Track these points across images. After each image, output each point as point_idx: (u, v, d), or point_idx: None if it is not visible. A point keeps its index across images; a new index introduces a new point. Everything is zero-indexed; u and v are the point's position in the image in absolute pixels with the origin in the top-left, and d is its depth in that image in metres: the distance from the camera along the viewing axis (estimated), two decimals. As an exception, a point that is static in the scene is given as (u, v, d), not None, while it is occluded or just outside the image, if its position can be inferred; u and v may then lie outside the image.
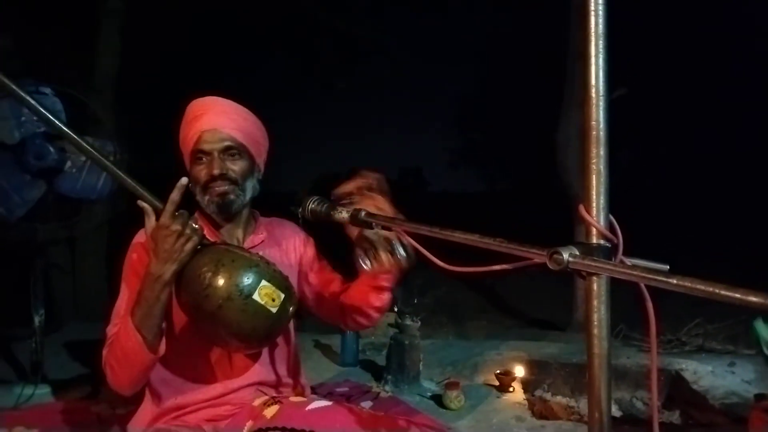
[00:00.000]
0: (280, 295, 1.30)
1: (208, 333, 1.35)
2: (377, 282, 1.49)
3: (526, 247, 0.87)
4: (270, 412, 1.36)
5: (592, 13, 0.86)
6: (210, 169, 1.46)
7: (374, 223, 1.21)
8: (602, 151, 0.86)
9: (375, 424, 1.35)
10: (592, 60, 0.86)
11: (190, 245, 1.29)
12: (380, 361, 3.20)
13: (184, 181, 1.31)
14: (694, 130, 11.16)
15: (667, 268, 0.81)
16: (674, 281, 0.72)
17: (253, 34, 7.65)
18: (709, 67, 9.91)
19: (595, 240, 0.86)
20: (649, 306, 0.85)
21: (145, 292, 1.30)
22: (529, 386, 3.04)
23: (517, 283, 6.02)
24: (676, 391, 2.95)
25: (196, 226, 1.31)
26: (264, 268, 1.31)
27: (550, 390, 3.05)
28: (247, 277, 1.27)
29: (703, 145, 11.21)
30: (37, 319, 2.83)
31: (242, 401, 1.47)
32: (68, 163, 2.73)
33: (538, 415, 2.69)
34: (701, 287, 0.69)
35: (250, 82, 9.25)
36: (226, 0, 6.57)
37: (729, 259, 6.82)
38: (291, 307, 1.35)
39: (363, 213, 1.21)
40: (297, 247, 1.67)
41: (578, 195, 0.89)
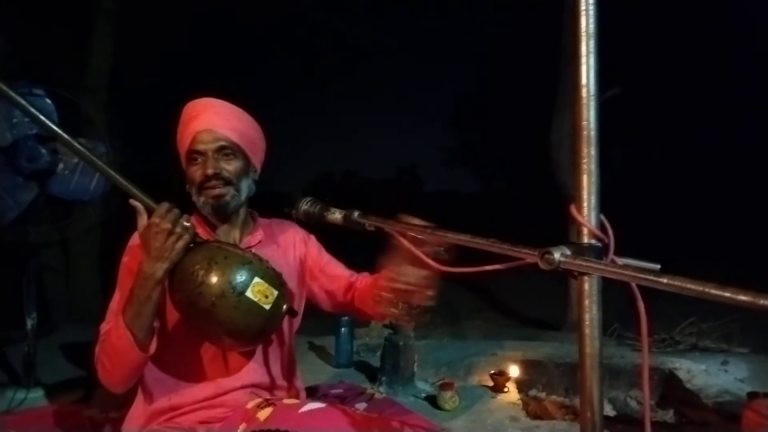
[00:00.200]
0: (273, 292, 1.30)
1: (202, 331, 1.34)
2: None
3: (518, 248, 0.87)
4: (263, 414, 1.35)
5: (582, 13, 0.86)
6: (204, 169, 1.45)
7: (367, 224, 1.20)
8: (593, 151, 0.86)
9: (369, 426, 1.34)
10: (583, 60, 0.86)
11: (181, 243, 1.29)
12: (375, 362, 3.20)
13: None
14: (688, 130, 11.20)
15: (658, 267, 0.81)
16: (665, 280, 0.72)
17: (252, 34, 7.65)
18: (703, 67, 9.96)
19: (586, 240, 0.86)
20: (641, 305, 0.86)
21: (137, 291, 1.29)
22: (523, 386, 3.04)
23: (512, 283, 6.02)
24: (670, 390, 2.96)
25: (188, 225, 1.30)
26: (257, 265, 1.30)
27: (545, 390, 3.06)
28: (240, 275, 1.27)
29: (697, 145, 11.26)
30: (29, 322, 2.82)
31: (236, 403, 1.46)
32: (60, 165, 2.72)
33: (533, 415, 2.69)
34: (691, 286, 0.70)
35: (250, 82, 9.24)
36: (226, 0, 6.56)
37: (722, 258, 6.86)
38: (284, 304, 1.35)
39: (356, 214, 1.21)
40: (297, 246, 1.66)
41: (571, 195, 0.89)
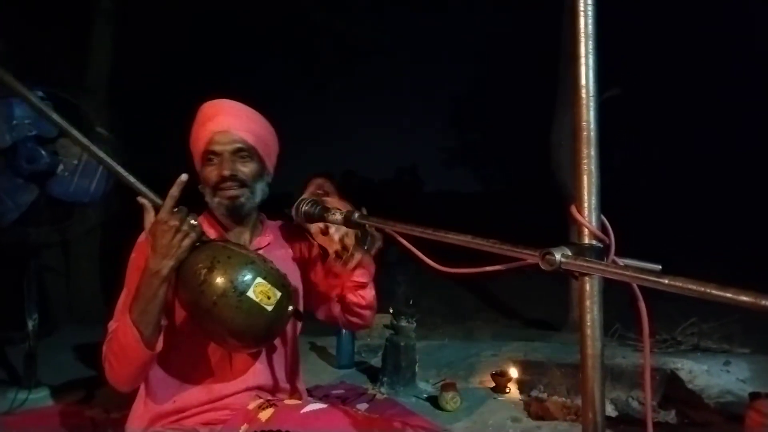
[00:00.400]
0: (276, 293, 1.29)
1: (207, 330, 1.34)
2: (354, 280, 1.55)
3: (519, 248, 0.87)
4: (265, 415, 1.35)
5: (581, 13, 0.86)
6: (220, 170, 1.46)
7: (367, 225, 1.21)
8: (593, 152, 0.86)
9: (370, 427, 1.34)
10: (582, 60, 0.86)
11: (187, 241, 1.29)
12: (376, 362, 3.20)
13: (183, 177, 1.31)
14: (688, 130, 11.20)
15: (659, 268, 0.81)
16: (666, 281, 0.72)
17: (252, 34, 7.65)
18: (702, 67, 9.96)
19: (587, 240, 0.86)
20: (642, 306, 0.85)
21: (143, 288, 1.29)
22: (525, 387, 3.04)
23: (513, 284, 6.02)
24: (672, 391, 2.95)
25: (195, 223, 1.30)
26: (260, 266, 1.30)
27: (546, 390, 3.05)
28: (242, 274, 1.26)
29: (697, 145, 11.26)
30: (30, 323, 2.82)
31: (240, 405, 1.46)
32: (60, 167, 2.72)
33: (534, 416, 2.69)
34: (693, 287, 0.69)
35: (250, 82, 9.25)
36: (226, 0, 6.57)
37: (723, 259, 6.85)
38: (289, 306, 1.34)
39: (356, 215, 1.21)
40: (302, 251, 1.67)
41: (572, 195, 0.89)
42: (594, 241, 0.86)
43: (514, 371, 3.05)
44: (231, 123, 1.48)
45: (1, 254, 3.02)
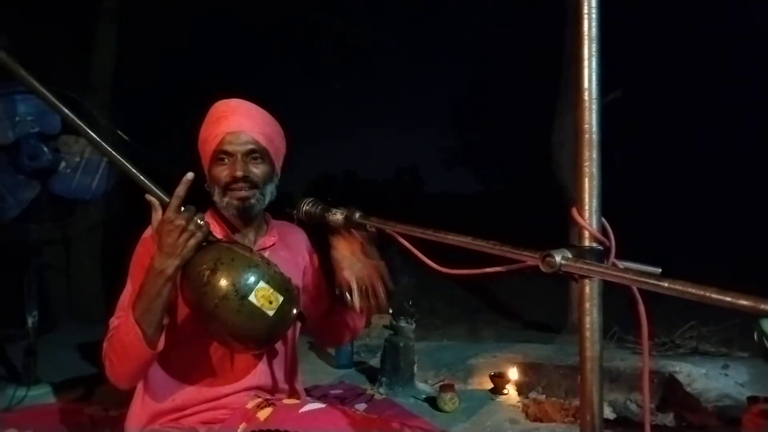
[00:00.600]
0: (278, 298, 1.28)
1: (209, 331, 1.34)
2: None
3: (519, 250, 0.88)
4: (263, 414, 1.35)
5: (585, 16, 0.86)
6: (233, 171, 1.45)
7: (368, 225, 1.21)
8: (595, 155, 0.86)
9: (368, 427, 1.35)
10: (585, 63, 0.86)
11: (193, 241, 1.28)
12: (375, 363, 3.20)
13: (189, 176, 1.31)
14: (689, 132, 11.19)
15: (659, 271, 0.82)
16: (666, 284, 0.72)
17: (252, 34, 7.65)
18: (703, 69, 9.95)
19: (587, 243, 0.86)
20: (641, 309, 0.86)
21: (147, 286, 1.29)
22: (523, 388, 3.04)
23: (513, 285, 6.01)
24: (670, 394, 2.96)
25: (201, 223, 1.30)
26: (264, 269, 1.29)
27: (545, 392, 3.05)
28: (245, 278, 1.26)
29: (698, 147, 11.24)
30: (30, 320, 2.83)
31: (239, 405, 1.46)
32: (62, 164, 2.72)
33: (533, 418, 2.69)
34: (692, 290, 0.70)
35: (250, 82, 9.23)
36: (226, 0, 6.57)
37: (724, 261, 6.84)
38: (292, 310, 1.33)
39: (357, 215, 1.22)
40: (304, 255, 1.67)
41: (572, 196, 0.89)
42: (594, 244, 0.86)
43: (513, 373, 3.05)
44: (244, 124, 1.47)
45: (2, 251, 3.02)
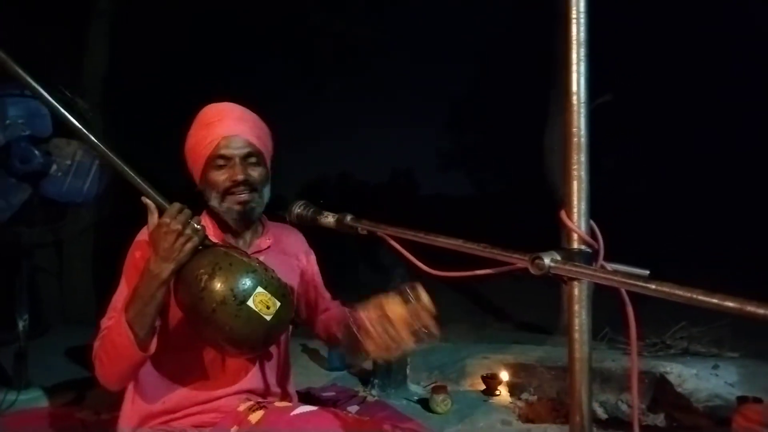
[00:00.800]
0: (276, 303, 1.28)
1: (203, 335, 1.33)
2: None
3: (509, 252, 0.88)
4: (255, 417, 1.35)
5: (573, 20, 0.87)
6: (232, 175, 1.45)
7: (360, 228, 1.21)
8: (583, 158, 0.87)
9: (360, 429, 1.35)
10: (574, 67, 0.87)
11: (189, 245, 1.27)
12: (367, 365, 3.20)
13: None
14: (679, 134, 11.25)
15: (647, 273, 0.83)
16: (653, 286, 0.73)
17: (252, 34, 7.64)
18: (693, 73, 10.00)
19: (576, 245, 0.87)
20: (629, 311, 0.86)
21: (141, 290, 1.28)
22: (515, 390, 3.05)
23: (505, 287, 6.03)
24: (661, 394, 2.97)
25: (198, 227, 1.29)
26: (261, 275, 1.28)
27: (536, 393, 3.06)
28: (243, 283, 1.25)
29: (688, 149, 11.30)
30: (21, 324, 2.81)
31: (230, 408, 1.46)
32: (54, 167, 2.71)
33: (524, 419, 2.70)
34: (679, 292, 0.71)
35: (249, 82, 9.21)
36: (226, 0, 6.57)
37: (713, 263, 6.89)
38: (287, 315, 1.33)
39: (348, 218, 1.22)
40: (300, 257, 1.67)
41: (562, 199, 0.90)
42: (583, 246, 0.87)
43: (505, 374, 3.06)
44: (239, 128, 1.47)
45: (-7, 254, 3.01)
